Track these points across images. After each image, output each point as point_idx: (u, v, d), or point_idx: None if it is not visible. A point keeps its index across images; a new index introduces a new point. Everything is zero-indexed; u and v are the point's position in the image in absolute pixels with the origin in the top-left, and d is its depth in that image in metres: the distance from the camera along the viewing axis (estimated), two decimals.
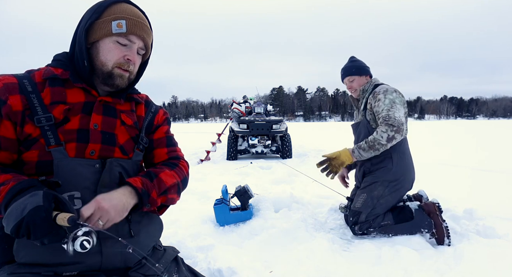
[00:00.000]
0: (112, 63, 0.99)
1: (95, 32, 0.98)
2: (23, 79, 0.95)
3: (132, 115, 1.12)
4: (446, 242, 2.14)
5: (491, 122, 51.25)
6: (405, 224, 2.22)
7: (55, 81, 0.98)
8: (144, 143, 1.14)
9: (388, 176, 2.28)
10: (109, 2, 1.00)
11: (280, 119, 7.53)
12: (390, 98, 2.25)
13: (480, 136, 14.65)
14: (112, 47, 0.98)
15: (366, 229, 2.27)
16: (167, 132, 1.26)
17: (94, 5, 1.02)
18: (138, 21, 1.01)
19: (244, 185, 2.70)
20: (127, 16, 0.99)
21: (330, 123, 58.12)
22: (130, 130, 1.09)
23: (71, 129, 0.95)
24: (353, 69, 2.49)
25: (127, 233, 1.02)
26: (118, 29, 0.97)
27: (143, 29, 1.01)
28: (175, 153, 1.23)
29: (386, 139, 2.16)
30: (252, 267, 1.81)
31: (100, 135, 1.00)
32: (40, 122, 0.92)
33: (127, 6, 1.02)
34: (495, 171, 5.23)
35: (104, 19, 0.98)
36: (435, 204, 2.26)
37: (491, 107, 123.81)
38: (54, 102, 0.95)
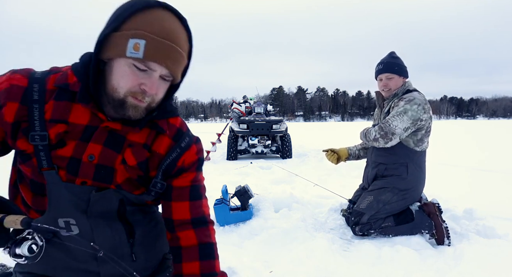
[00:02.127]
0: (125, 90, 0.78)
1: (109, 49, 0.76)
2: (35, 82, 0.82)
3: (141, 152, 0.88)
4: (446, 243, 2.14)
5: (491, 122, 51.25)
6: (406, 226, 2.22)
7: (64, 93, 0.83)
8: (158, 189, 0.92)
9: (400, 185, 2.26)
10: (137, 7, 0.76)
11: (280, 119, 7.53)
12: (406, 108, 2.18)
13: (480, 136, 14.65)
14: (127, 71, 0.76)
15: (367, 230, 2.27)
16: (195, 180, 0.97)
17: (121, 6, 0.79)
18: (164, 43, 0.75)
19: (244, 185, 2.70)
20: (149, 35, 0.74)
21: (330, 123, 58.14)
22: (131, 171, 0.88)
23: (63, 156, 0.82)
24: (395, 66, 2.33)
25: (128, 256, 0.92)
26: (133, 52, 0.73)
27: (168, 56, 0.76)
28: (200, 211, 0.96)
29: (373, 137, 2.27)
30: (252, 267, 1.81)
31: (93, 170, 0.83)
32: (34, 140, 0.80)
33: (160, 15, 0.76)
34: (495, 171, 5.23)
35: (122, 33, 0.75)
36: (435, 204, 2.26)
37: (491, 107, 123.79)
38: (53, 119, 0.81)
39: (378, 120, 2.51)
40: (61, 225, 0.83)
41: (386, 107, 2.41)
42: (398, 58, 2.41)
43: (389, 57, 2.41)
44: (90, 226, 0.85)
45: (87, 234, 0.85)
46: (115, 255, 0.88)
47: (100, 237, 0.86)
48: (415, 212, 2.23)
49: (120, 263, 0.86)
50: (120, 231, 0.89)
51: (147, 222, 0.97)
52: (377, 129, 2.23)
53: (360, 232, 2.28)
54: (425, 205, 2.28)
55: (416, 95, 2.27)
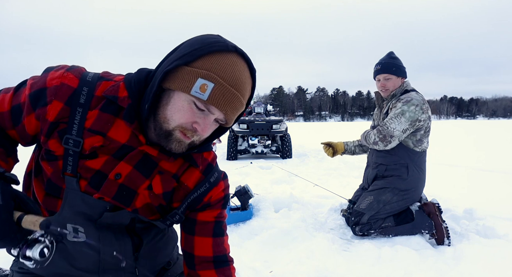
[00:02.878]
0: (176, 124, 0.76)
1: (174, 80, 0.74)
2: (85, 86, 0.81)
3: (170, 181, 0.87)
4: (446, 243, 2.14)
5: (491, 122, 51.25)
6: (406, 226, 2.22)
7: (111, 105, 0.81)
8: (175, 221, 0.91)
9: (400, 185, 2.27)
10: (216, 48, 0.74)
11: (280, 119, 7.53)
12: (403, 109, 2.19)
13: (480, 136, 14.65)
14: (185, 107, 0.74)
15: (367, 230, 2.27)
16: (219, 216, 0.97)
17: (199, 40, 0.77)
18: (230, 91, 0.73)
19: (244, 185, 2.70)
20: (219, 80, 0.72)
21: (330, 123, 58.14)
22: (154, 198, 0.87)
23: (91, 167, 0.81)
24: (393, 67, 2.33)
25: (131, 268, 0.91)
26: (199, 92, 0.72)
27: (230, 103, 0.75)
28: (222, 248, 0.97)
29: (372, 141, 2.28)
30: (252, 267, 1.81)
31: (116, 189, 0.82)
32: (67, 143, 0.79)
33: (234, 62, 0.75)
34: (495, 171, 5.23)
35: (193, 70, 0.73)
36: (435, 204, 2.26)
37: (491, 107, 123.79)
38: (93, 130, 0.79)
39: (377, 120, 2.51)
40: (69, 230, 0.82)
41: (385, 108, 2.41)
42: (397, 58, 2.40)
43: (387, 57, 2.41)
44: (98, 236, 0.84)
45: (94, 244, 0.84)
46: (117, 267, 0.87)
47: (107, 248, 0.85)
48: (415, 212, 2.24)
49: None
50: (127, 244, 0.89)
51: (154, 235, 0.96)
52: (376, 132, 2.24)
53: (360, 232, 2.28)
54: (425, 205, 2.28)
55: (413, 95, 2.27)
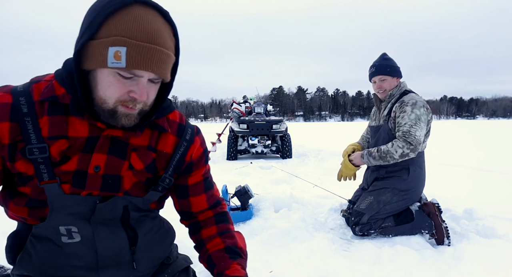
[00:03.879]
0: (114, 100, 0.74)
1: (89, 59, 0.71)
2: (20, 96, 0.77)
3: (147, 154, 0.88)
4: (446, 243, 2.14)
5: (491, 122, 51.26)
6: (406, 226, 2.22)
7: (56, 107, 0.78)
8: (166, 184, 0.93)
9: (401, 185, 2.26)
10: (112, 8, 0.69)
11: (280, 119, 7.53)
12: (416, 114, 2.17)
13: (480, 136, 14.65)
14: (112, 81, 0.72)
15: (367, 230, 2.27)
16: (205, 173, 1.02)
17: (93, 6, 0.73)
18: (146, 47, 0.69)
19: (244, 185, 2.70)
20: (129, 41, 0.68)
21: (330, 123, 58.14)
22: (139, 175, 0.87)
23: (68, 170, 0.79)
24: (387, 68, 2.34)
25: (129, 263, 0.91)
26: (115, 62, 0.68)
27: (152, 59, 0.70)
28: (215, 197, 1.06)
29: (399, 154, 2.15)
30: (252, 267, 1.81)
31: (100, 181, 0.82)
32: (32, 153, 0.76)
33: (138, 14, 0.70)
34: (495, 171, 5.23)
35: (100, 41, 0.69)
36: (435, 204, 2.26)
37: (491, 107, 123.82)
38: (52, 136, 0.78)
39: (376, 121, 2.49)
40: (63, 232, 0.82)
41: (385, 110, 2.39)
42: (390, 59, 2.40)
43: (381, 59, 2.40)
44: (92, 234, 0.84)
45: (89, 242, 0.84)
46: (115, 262, 0.87)
47: (102, 245, 0.85)
48: (415, 212, 2.24)
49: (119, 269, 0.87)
50: (122, 239, 0.88)
51: (150, 228, 0.96)
52: (402, 145, 2.14)
53: (360, 232, 2.28)
54: (424, 205, 2.28)
55: (416, 97, 2.27)
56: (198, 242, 1.03)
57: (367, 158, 2.26)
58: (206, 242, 1.01)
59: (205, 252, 1.00)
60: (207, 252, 0.99)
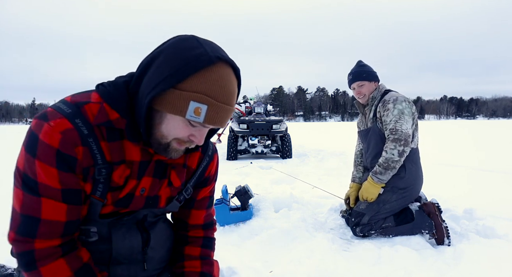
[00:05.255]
0: (173, 138, 0.78)
1: (165, 104, 0.73)
2: (75, 118, 0.76)
3: (182, 172, 0.94)
4: (446, 242, 2.14)
5: (491, 122, 51.26)
6: (406, 226, 2.22)
7: (112, 133, 0.80)
8: (187, 194, 1.00)
9: (399, 183, 2.26)
10: (201, 65, 0.71)
11: (280, 119, 7.53)
12: (399, 109, 2.23)
13: (480, 136, 14.65)
14: (180, 125, 0.76)
15: (368, 231, 2.26)
16: (212, 190, 1.09)
17: (178, 53, 0.73)
18: (223, 108, 0.74)
19: (244, 185, 2.70)
20: (211, 100, 0.71)
21: (330, 123, 58.15)
22: (174, 191, 0.95)
23: (121, 196, 0.85)
24: (363, 74, 2.44)
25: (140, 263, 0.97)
26: (194, 116, 0.72)
27: (224, 118, 0.75)
28: (211, 216, 1.12)
29: (397, 154, 2.18)
30: (252, 267, 1.82)
31: (143, 201, 0.89)
32: (100, 174, 0.79)
33: (221, 73, 0.73)
34: (495, 171, 5.23)
35: (184, 93, 0.71)
36: (435, 204, 2.26)
37: (491, 107, 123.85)
38: (114, 162, 0.81)
39: (363, 126, 2.55)
40: (80, 232, 0.86)
41: (369, 113, 2.46)
42: (365, 65, 2.51)
43: (356, 66, 2.51)
44: (109, 234, 0.89)
45: (106, 241, 0.89)
46: (127, 260, 0.92)
47: (118, 245, 0.90)
48: (415, 212, 2.24)
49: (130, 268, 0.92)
50: (137, 240, 0.94)
51: (160, 230, 1.02)
52: (393, 146, 2.17)
53: (361, 233, 2.28)
54: (424, 205, 2.28)
55: (396, 94, 2.35)
56: (179, 253, 1.07)
57: (376, 178, 2.24)
58: (186, 258, 1.05)
59: (180, 267, 1.05)
60: (182, 268, 1.04)
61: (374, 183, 2.25)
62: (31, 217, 0.75)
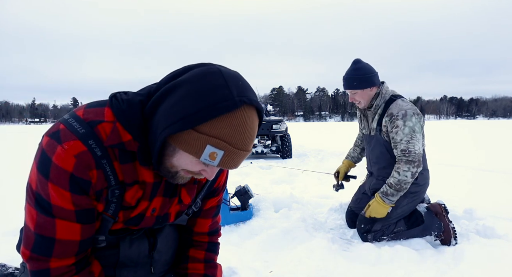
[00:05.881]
0: (182, 168, 0.76)
1: (180, 142, 0.69)
2: (88, 139, 0.74)
3: (193, 189, 0.94)
4: (453, 243, 2.12)
5: (491, 122, 51.27)
6: (417, 229, 2.19)
7: (125, 155, 0.78)
8: (196, 208, 1.00)
9: (411, 188, 2.16)
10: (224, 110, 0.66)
11: (280, 119, 7.54)
12: (409, 126, 2.09)
13: (480, 136, 14.65)
14: (193, 162, 0.73)
15: (380, 237, 2.21)
16: (220, 200, 1.09)
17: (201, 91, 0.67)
18: (239, 154, 0.70)
19: (244, 185, 2.70)
20: (229, 147, 0.68)
21: (330, 123, 58.17)
22: (184, 207, 0.95)
23: (132, 216, 0.85)
24: (354, 82, 2.23)
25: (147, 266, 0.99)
26: (209, 160, 0.69)
27: (239, 163, 0.73)
28: (216, 224, 1.11)
29: (410, 176, 2.08)
30: (252, 267, 1.82)
31: (153, 220, 0.90)
32: (114, 195, 0.79)
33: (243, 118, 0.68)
34: (495, 171, 5.23)
35: (201, 135, 0.67)
36: (441, 205, 2.25)
37: (491, 107, 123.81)
38: (127, 183, 0.80)
39: (367, 130, 2.42)
40: None
41: (373, 121, 2.31)
42: (360, 68, 2.25)
43: (350, 70, 2.28)
44: (117, 241, 0.90)
45: (114, 248, 0.90)
46: (134, 263, 0.94)
47: (125, 250, 0.92)
48: (425, 214, 2.21)
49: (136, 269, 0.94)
50: (144, 245, 0.95)
51: (167, 234, 1.03)
52: (407, 168, 2.08)
53: (373, 239, 2.20)
54: (431, 205, 2.26)
55: (403, 105, 2.17)
56: (183, 254, 1.08)
57: (388, 200, 2.13)
58: (190, 260, 1.06)
59: (184, 269, 1.06)
60: (186, 270, 1.05)
61: (384, 204, 2.14)
62: (46, 238, 0.75)
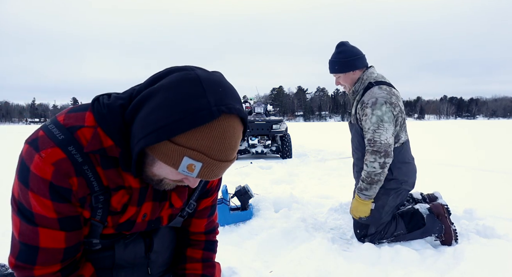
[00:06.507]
0: (164, 177, 0.75)
1: (157, 153, 0.67)
2: (68, 145, 0.72)
3: (184, 193, 0.91)
4: (453, 245, 2.11)
5: (491, 122, 51.26)
6: (417, 232, 2.16)
7: (107, 160, 0.76)
8: (190, 209, 0.98)
9: (390, 185, 2.14)
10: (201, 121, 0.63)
11: (280, 119, 7.54)
12: (377, 115, 2.01)
13: (480, 136, 14.65)
14: (173, 172, 0.71)
15: (378, 240, 2.18)
16: (215, 199, 1.07)
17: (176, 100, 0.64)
18: (219, 166, 0.67)
19: (244, 185, 2.70)
20: (207, 159, 0.65)
21: (330, 123, 58.16)
22: (176, 210, 0.93)
23: (121, 221, 0.84)
24: (336, 65, 2.19)
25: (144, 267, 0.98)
26: (187, 171, 0.66)
27: (220, 174, 0.70)
28: (213, 223, 1.10)
29: (379, 167, 2.02)
30: (252, 267, 1.82)
31: (145, 225, 0.89)
32: (98, 201, 0.78)
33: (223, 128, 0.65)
34: (495, 171, 5.23)
35: (178, 147, 0.64)
36: (444, 206, 2.22)
37: (491, 107, 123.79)
38: (112, 188, 0.78)
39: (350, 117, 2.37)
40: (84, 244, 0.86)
41: (352, 109, 2.27)
42: (343, 51, 2.19)
43: (333, 54, 2.23)
44: (112, 244, 0.90)
45: (109, 250, 0.90)
46: (131, 265, 0.93)
47: (121, 252, 0.91)
48: (426, 217, 2.17)
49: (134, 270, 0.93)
50: (140, 246, 0.94)
51: (163, 234, 1.02)
52: (373, 159, 2.02)
53: (371, 242, 2.17)
54: (433, 206, 2.23)
55: (376, 92, 2.08)
56: (181, 254, 1.07)
57: (363, 195, 2.09)
58: (188, 260, 1.05)
59: (182, 269, 1.05)
60: (184, 270, 1.04)
61: (362, 201, 2.10)
62: (30, 246, 0.75)
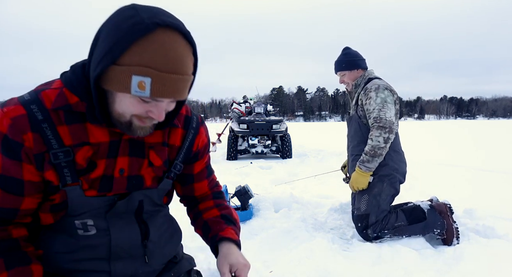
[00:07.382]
0: (130, 115, 0.76)
1: (110, 82, 0.70)
2: (31, 104, 0.76)
3: (163, 150, 0.92)
4: (455, 243, 2.13)
5: (491, 122, 51.26)
6: (419, 225, 2.18)
7: (72, 116, 0.79)
8: (177, 171, 0.98)
9: (384, 171, 2.25)
10: (137, 34, 0.66)
11: (280, 119, 7.54)
12: (381, 97, 2.23)
13: (480, 136, 14.65)
14: (132, 102, 0.73)
15: (380, 230, 2.19)
16: (207, 160, 1.08)
17: (114, 25, 0.69)
18: (170, 78, 0.69)
19: (244, 185, 2.70)
20: (154, 72, 0.67)
21: (330, 123, 58.17)
22: (157, 170, 0.92)
23: (95, 177, 0.83)
24: (343, 64, 2.46)
25: (141, 257, 0.95)
26: (139, 91, 0.68)
27: (175, 88, 0.71)
28: (214, 181, 1.14)
29: (383, 141, 2.18)
30: (252, 267, 1.81)
31: (125, 182, 0.87)
32: (57, 158, 0.77)
33: (162, 40, 0.67)
34: (495, 171, 5.23)
35: (124, 68, 0.67)
36: (447, 205, 2.25)
37: (491, 107, 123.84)
38: (75, 144, 0.79)
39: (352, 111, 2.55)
40: (78, 226, 0.85)
41: (353, 100, 2.48)
42: (349, 53, 2.50)
43: (340, 55, 2.53)
44: (107, 226, 0.87)
45: (104, 234, 0.88)
46: (128, 254, 0.91)
47: (116, 236, 0.89)
48: (427, 211, 2.21)
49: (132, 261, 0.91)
50: (135, 232, 0.92)
51: (161, 224, 1.00)
52: (379, 133, 2.18)
53: (374, 233, 2.20)
54: (436, 205, 2.26)
55: (378, 82, 2.32)
56: (195, 214, 1.08)
57: (364, 167, 2.23)
58: (202, 213, 1.07)
59: (201, 221, 1.05)
60: (203, 220, 1.05)
61: (362, 172, 2.24)
62: None
